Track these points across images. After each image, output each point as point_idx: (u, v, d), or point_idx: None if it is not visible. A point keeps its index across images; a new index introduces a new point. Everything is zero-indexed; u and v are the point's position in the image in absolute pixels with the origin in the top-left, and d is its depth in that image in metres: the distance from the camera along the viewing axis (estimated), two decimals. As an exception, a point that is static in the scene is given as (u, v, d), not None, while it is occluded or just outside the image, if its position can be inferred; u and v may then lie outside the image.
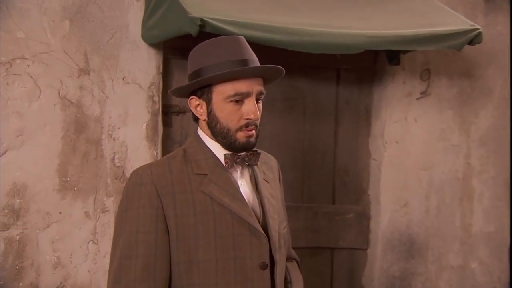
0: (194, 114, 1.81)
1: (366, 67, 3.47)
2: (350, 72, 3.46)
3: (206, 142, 1.80)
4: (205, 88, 1.75)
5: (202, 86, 1.75)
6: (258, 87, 1.74)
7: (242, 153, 1.77)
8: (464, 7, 3.54)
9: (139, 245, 1.68)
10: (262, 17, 2.66)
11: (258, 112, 1.75)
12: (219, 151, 1.78)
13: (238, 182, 1.79)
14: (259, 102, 1.77)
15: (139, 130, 2.96)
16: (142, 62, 2.96)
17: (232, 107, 1.73)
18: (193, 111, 1.80)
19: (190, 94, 1.79)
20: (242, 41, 1.78)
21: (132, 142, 2.95)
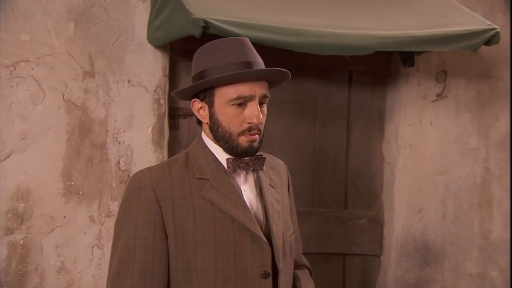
0: (197, 117, 1.78)
1: (379, 69, 3.41)
2: (362, 74, 3.40)
3: (209, 146, 1.76)
4: (207, 90, 1.72)
5: (204, 89, 1.72)
6: (261, 91, 1.70)
7: (246, 157, 1.73)
8: (482, 7, 3.47)
9: (137, 250, 1.66)
10: (268, 18, 2.61)
11: (262, 116, 1.70)
12: (222, 156, 1.74)
13: (242, 188, 1.75)
14: (264, 106, 1.72)
15: (145, 133, 2.93)
16: (148, 65, 2.93)
17: (234, 111, 1.69)
18: (195, 114, 1.77)
19: (193, 96, 1.76)
20: (246, 42, 1.74)
21: (137, 146, 2.92)
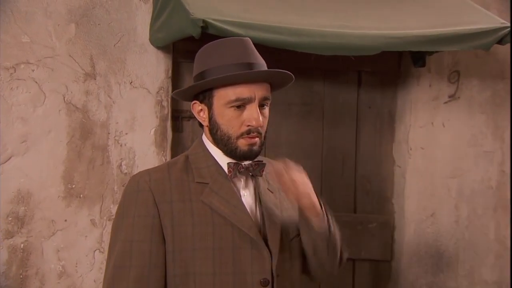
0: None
1: (389, 70, 3.34)
2: (372, 75, 3.34)
3: (210, 149, 1.73)
4: (206, 92, 1.68)
5: (204, 90, 1.68)
6: (261, 92, 1.66)
7: (246, 162, 1.69)
8: (498, 4, 3.39)
9: (133, 254, 1.63)
10: (270, 17, 2.57)
11: (262, 118, 1.66)
12: (222, 159, 1.71)
13: (242, 193, 1.71)
14: (265, 108, 1.68)
15: (147, 135, 2.90)
16: (151, 66, 2.90)
17: (233, 113, 1.65)
18: (196, 116, 1.74)
19: (194, 98, 1.73)
20: (248, 43, 1.70)
21: (140, 148, 2.90)
